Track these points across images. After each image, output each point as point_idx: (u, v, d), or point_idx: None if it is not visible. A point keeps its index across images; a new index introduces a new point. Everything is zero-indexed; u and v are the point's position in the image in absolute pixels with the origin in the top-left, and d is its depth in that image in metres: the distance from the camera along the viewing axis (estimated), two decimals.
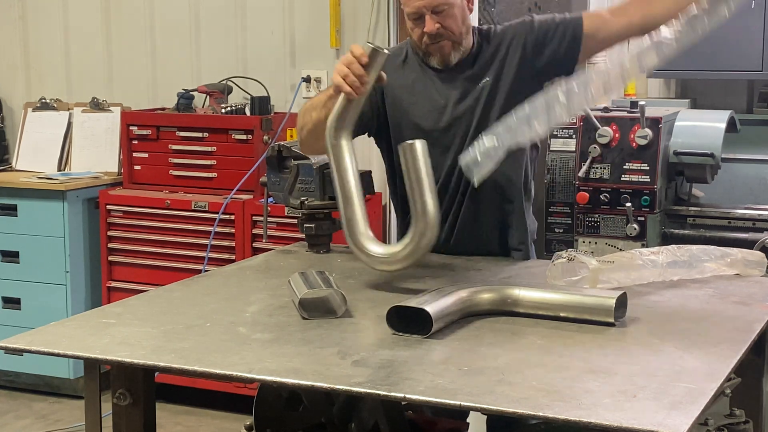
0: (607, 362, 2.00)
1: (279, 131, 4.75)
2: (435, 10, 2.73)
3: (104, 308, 2.52)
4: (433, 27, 2.74)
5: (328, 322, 2.27)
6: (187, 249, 4.69)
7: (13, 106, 5.65)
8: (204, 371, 2.01)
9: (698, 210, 3.94)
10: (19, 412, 4.85)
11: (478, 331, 2.22)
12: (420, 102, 2.86)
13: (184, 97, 4.98)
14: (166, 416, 4.59)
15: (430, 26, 2.74)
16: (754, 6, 4.02)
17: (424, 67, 2.88)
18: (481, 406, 1.79)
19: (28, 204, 4.92)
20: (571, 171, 3.93)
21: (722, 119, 3.92)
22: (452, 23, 2.76)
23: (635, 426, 1.67)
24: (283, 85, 5.03)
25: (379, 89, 2.84)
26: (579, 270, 2.46)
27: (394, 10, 4.77)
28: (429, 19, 2.74)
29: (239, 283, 2.68)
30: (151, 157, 4.90)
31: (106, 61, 5.42)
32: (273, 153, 3.19)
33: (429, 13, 2.73)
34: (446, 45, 2.78)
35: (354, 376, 1.92)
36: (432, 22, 2.74)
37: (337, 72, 2.50)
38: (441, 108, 2.84)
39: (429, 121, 2.85)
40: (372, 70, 2.49)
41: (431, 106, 2.85)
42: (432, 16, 2.73)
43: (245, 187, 4.61)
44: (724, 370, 1.96)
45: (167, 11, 5.27)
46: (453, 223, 2.87)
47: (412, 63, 2.90)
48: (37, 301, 4.92)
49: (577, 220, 3.92)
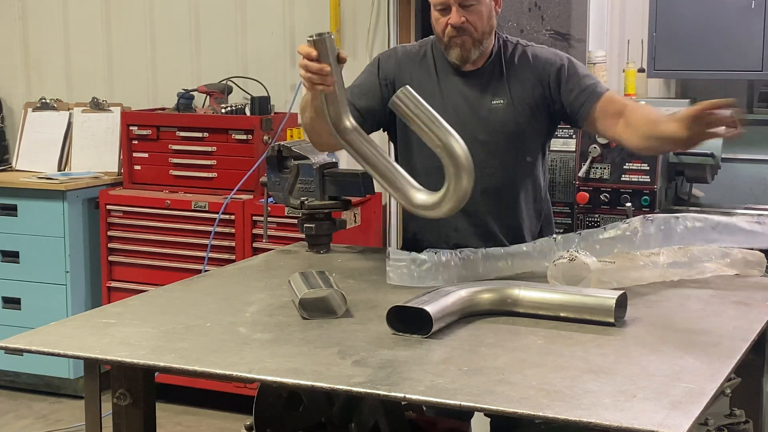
0: (607, 362, 2.00)
1: (279, 131, 4.75)
2: (463, 4, 2.76)
3: (104, 308, 2.52)
4: (459, 19, 2.76)
5: (328, 322, 2.27)
6: (187, 249, 4.69)
7: (13, 106, 5.65)
8: (204, 371, 2.01)
9: (698, 210, 3.93)
10: (19, 412, 4.84)
11: (478, 331, 2.22)
12: (428, 103, 2.85)
13: (184, 97, 4.98)
14: (166, 416, 4.59)
15: (456, 18, 2.76)
16: (754, 6, 4.02)
17: (439, 70, 2.89)
18: (481, 406, 1.79)
19: (28, 204, 4.92)
20: (571, 171, 3.93)
21: None
22: (477, 20, 2.78)
23: (635, 426, 1.67)
24: (283, 85, 5.03)
25: (391, 85, 2.87)
26: (580, 271, 2.46)
27: (394, 10, 4.77)
28: (456, 11, 2.76)
29: (239, 283, 2.68)
30: (151, 157, 4.90)
31: (106, 61, 5.42)
32: (273, 153, 3.19)
33: (456, 5, 2.76)
34: (467, 40, 2.79)
35: (354, 376, 1.92)
36: (458, 14, 2.76)
37: (301, 76, 2.53)
38: (446, 113, 2.83)
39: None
40: (326, 57, 2.47)
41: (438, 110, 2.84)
42: (459, 9, 2.76)
43: (245, 187, 4.61)
44: (724, 370, 1.96)
45: (167, 11, 5.27)
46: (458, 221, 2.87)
47: (427, 64, 2.92)
48: (37, 301, 4.92)
49: (577, 220, 3.93)
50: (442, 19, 2.80)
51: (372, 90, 2.91)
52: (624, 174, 3.83)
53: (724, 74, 4.17)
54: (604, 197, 3.85)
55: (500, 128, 2.84)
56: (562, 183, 3.95)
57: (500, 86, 2.85)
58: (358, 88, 2.93)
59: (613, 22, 4.58)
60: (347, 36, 4.88)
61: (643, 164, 3.79)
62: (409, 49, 2.99)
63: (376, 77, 2.93)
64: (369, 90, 2.91)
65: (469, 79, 2.87)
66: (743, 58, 4.06)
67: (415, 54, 2.95)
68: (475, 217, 2.86)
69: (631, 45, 4.48)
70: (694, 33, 4.11)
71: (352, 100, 2.89)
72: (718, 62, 4.12)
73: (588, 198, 3.88)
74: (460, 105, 2.86)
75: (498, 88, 2.85)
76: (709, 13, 4.09)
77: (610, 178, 3.85)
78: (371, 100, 2.90)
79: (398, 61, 2.95)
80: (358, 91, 2.92)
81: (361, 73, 3.00)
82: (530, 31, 4.74)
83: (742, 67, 4.09)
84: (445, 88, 2.88)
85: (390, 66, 2.94)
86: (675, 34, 4.14)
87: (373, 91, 2.91)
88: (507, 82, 2.85)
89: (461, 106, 2.85)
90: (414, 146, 2.89)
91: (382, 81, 2.92)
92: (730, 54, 4.08)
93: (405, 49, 3.00)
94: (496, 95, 2.85)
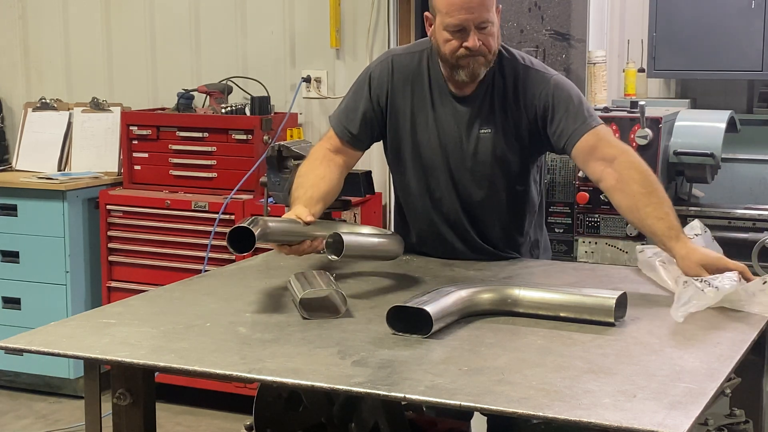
0: (607, 362, 2.00)
1: (279, 131, 4.75)
2: (480, 26, 2.67)
3: (104, 308, 2.52)
4: (477, 43, 2.67)
5: (328, 322, 2.27)
6: (187, 249, 4.69)
7: (13, 106, 5.65)
8: (204, 371, 2.01)
9: (698, 210, 3.94)
10: (19, 412, 4.85)
11: (478, 331, 2.22)
12: (420, 128, 2.85)
13: (184, 97, 4.98)
14: (166, 416, 4.59)
15: (474, 42, 2.66)
16: (754, 6, 4.02)
17: (434, 90, 2.83)
18: (481, 406, 1.79)
19: (28, 204, 4.92)
20: (571, 171, 3.93)
21: (722, 119, 3.92)
22: (492, 41, 2.70)
23: (635, 426, 1.67)
24: (283, 85, 5.03)
25: (384, 107, 2.85)
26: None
27: (394, 10, 4.77)
28: (473, 34, 2.66)
29: (239, 283, 2.68)
30: (151, 157, 4.90)
31: (106, 61, 5.42)
32: (273, 153, 3.20)
33: (474, 29, 2.67)
34: (480, 61, 2.71)
35: (354, 376, 1.92)
36: (475, 37, 2.67)
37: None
38: (437, 139, 2.83)
39: (424, 138, 2.84)
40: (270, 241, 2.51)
41: (429, 135, 2.84)
42: (475, 32, 2.67)
43: (245, 187, 4.61)
44: (724, 370, 1.97)
45: (167, 11, 5.27)
46: (453, 239, 2.88)
47: (422, 82, 2.84)
48: (37, 301, 4.92)
49: (577, 220, 3.93)
50: (455, 42, 2.69)
51: (365, 113, 2.87)
52: None
53: (724, 74, 4.17)
54: (604, 197, 3.85)
55: (487, 158, 2.80)
56: (562, 183, 3.95)
57: (490, 114, 2.79)
58: (353, 112, 2.88)
59: (613, 22, 4.58)
60: (347, 36, 4.88)
61: None
62: (403, 61, 2.88)
63: (368, 100, 2.87)
64: (362, 113, 2.87)
65: (461, 105, 2.80)
66: (743, 58, 4.06)
67: (408, 67, 2.86)
68: (470, 243, 2.86)
69: (631, 45, 4.48)
70: (694, 33, 4.12)
71: (346, 125, 2.89)
72: (718, 62, 4.12)
73: (588, 198, 3.88)
74: (452, 132, 2.81)
75: (487, 117, 2.79)
76: (709, 13, 4.09)
77: None
78: (365, 126, 2.87)
79: (390, 79, 2.86)
80: (353, 116, 2.88)
81: (352, 92, 2.93)
82: (530, 31, 4.74)
83: (742, 67, 4.09)
84: (438, 112, 2.82)
85: (382, 86, 2.86)
86: (675, 34, 4.14)
87: (367, 114, 2.87)
88: (496, 111, 2.79)
89: (452, 132, 2.81)
90: (407, 167, 2.88)
91: (374, 100, 2.87)
92: (730, 54, 4.08)
93: (399, 61, 2.88)
94: (485, 124, 2.79)
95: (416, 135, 2.84)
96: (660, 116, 3.83)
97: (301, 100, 4.97)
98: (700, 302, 2.28)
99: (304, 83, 4.94)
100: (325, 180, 2.78)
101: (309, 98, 4.98)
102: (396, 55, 2.92)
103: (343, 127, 2.88)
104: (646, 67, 4.29)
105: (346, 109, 2.91)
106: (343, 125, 2.89)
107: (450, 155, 2.82)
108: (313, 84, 4.95)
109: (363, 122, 2.87)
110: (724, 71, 4.14)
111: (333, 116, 2.95)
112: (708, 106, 4.40)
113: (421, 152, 2.84)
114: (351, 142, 2.88)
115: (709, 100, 4.45)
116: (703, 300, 2.28)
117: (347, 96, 2.94)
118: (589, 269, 2.99)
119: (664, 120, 3.83)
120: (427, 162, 2.84)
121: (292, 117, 4.88)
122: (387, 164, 3.01)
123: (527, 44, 4.68)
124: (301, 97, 4.96)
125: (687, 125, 3.94)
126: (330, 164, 2.83)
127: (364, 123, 2.87)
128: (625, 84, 4.40)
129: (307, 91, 4.96)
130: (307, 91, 4.96)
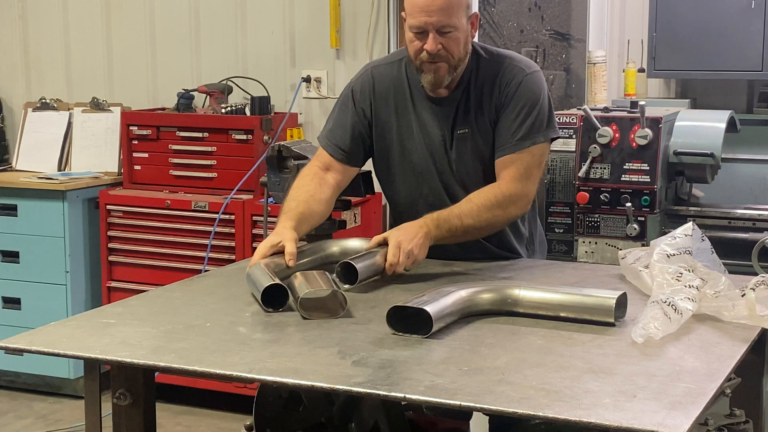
0: (607, 362, 2.00)
1: (279, 131, 4.75)
2: (440, 31, 2.66)
3: (104, 308, 2.52)
4: (435, 47, 2.66)
5: (328, 322, 2.27)
6: (187, 249, 4.69)
7: (13, 106, 5.65)
8: (204, 371, 2.01)
9: (698, 210, 3.93)
10: (19, 412, 4.85)
11: (478, 331, 2.22)
12: (406, 134, 2.85)
13: (184, 97, 4.98)
14: (166, 416, 4.60)
15: (432, 45, 2.66)
16: (754, 6, 4.02)
17: (414, 95, 2.83)
18: (481, 406, 1.79)
19: (28, 204, 4.92)
20: (571, 171, 3.93)
21: (722, 119, 3.92)
22: (454, 47, 2.68)
23: (635, 426, 1.67)
24: (283, 85, 5.03)
25: (370, 120, 2.85)
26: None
27: (394, 11, 4.76)
28: (432, 37, 2.66)
29: (239, 283, 2.67)
30: (151, 157, 4.90)
31: (106, 61, 5.42)
32: (273, 153, 3.20)
33: (434, 32, 2.66)
34: (443, 67, 2.70)
35: (354, 376, 1.92)
36: (434, 41, 2.66)
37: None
38: (421, 142, 2.84)
39: (411, 145, 2.85)
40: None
41: (414, 140, 2.85)
42: (436, 36, 2.66)
43: (245, 187, 4.61)
44: (724, 370, 1.97)
45: (167, 11, 5.27)
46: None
47: (403, 89, 2.85)
48: (37, 301, 4.92)
49: (577, 220, 3.92)
50: (417, 43, 2.69)
51: (354, 127, 2.87)
52: (624, 174, 3.82)
53: (724, 74, 4.17)
54: (604, 197, 3.85)
55: (467, 158, 2.81)
56: (562, 183, 3.94)
57: (465, 114, 2.79)
58: (342, 129, 2.88)
59: (613, 22, 4.58)
60: (347, 36, 4.88)
61: (643, 164, 3.79)
62: (383, 71, 2.88)
63: (355, 113, 2.88)
64: (351, 128, 2.87)
65: (440, 107, 2.81)
66: (743, 58, 4.06)
67: (388, 76, 2.86)
68: (463, 244, 2.83)
69: (631, 45, 4.48)
70: (694, 33, 4.12)
71: (337, 143, 2.88)
72: (718, 62, 4.12)
73: (588, 198, 3.88)
74: (434, 134, 2.81)
75: (464, 117, 2.79)
76: (709, 13, 4.09)
77: (610, 178, 3.84)
78: (355, 140, 2.87)
79: (372, 91, 2.87)
80: (342, 132, 2.88)
81: (338, 110, 2.93)
82: (530, 31, 4.75)
83: (742, 67, 4.09)
84: (420, 115, 2.82)
85: (365, 99, 2.87)
86: (675, 34, 4.14)
87: (356, 128, 2.87)
88: (471, 110, 2.78)
89: (435, 135, 2.81)
90: (396, 176, 2.89)
91: (360, 114, 2.87)
92: (730, 54, 4.08)
93: (379, 72, 2.88)
94: (462, 124, 2.79)
95: (403, 142, 2.85)
96: (660, 116, 3.82)
97: (301, 100, 4.97)
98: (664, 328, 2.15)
99: (304, 83, 4.94)
100: (314, 198, 2.78)
101: (309, 98, 4.99)
102: (375, 67, 2.93)
103: (334, 145, 2.88)
104: (646, 67, 4.29)
105: (334, 127, 2.90)
106: (333, 144, 2.88)
107: (437, 159, 2.83)
108: (313, 84, 4.95)
109: (353, 137, 2.87)
110: (724, 71, 4.14)
111: (321, 137, 2.94)
112: (708, 106, 4.39)
113: (411, 159, 2.85)
114: (344, 159, 2.88)
115: (709, 100, 4.45)
116: (666, 326, 2.15)
117: (332, 115, 2.94)
118: (589, 269, 2.98)
119: (664, 120, 3.82)
120: (417, 168, 2.85)
121: (292, 117, 4.88)
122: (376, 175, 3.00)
123: (527, 44, 4.69)
124: (301, 97, 4.97)
125: (687, 125, 3.93)
126: (321, 183, 2.83)
127: (354, 137, 2.87)
128: (625, 84, 4.40)
129: (307, 91, 4.96)
130: (307, 91, 4.96)
